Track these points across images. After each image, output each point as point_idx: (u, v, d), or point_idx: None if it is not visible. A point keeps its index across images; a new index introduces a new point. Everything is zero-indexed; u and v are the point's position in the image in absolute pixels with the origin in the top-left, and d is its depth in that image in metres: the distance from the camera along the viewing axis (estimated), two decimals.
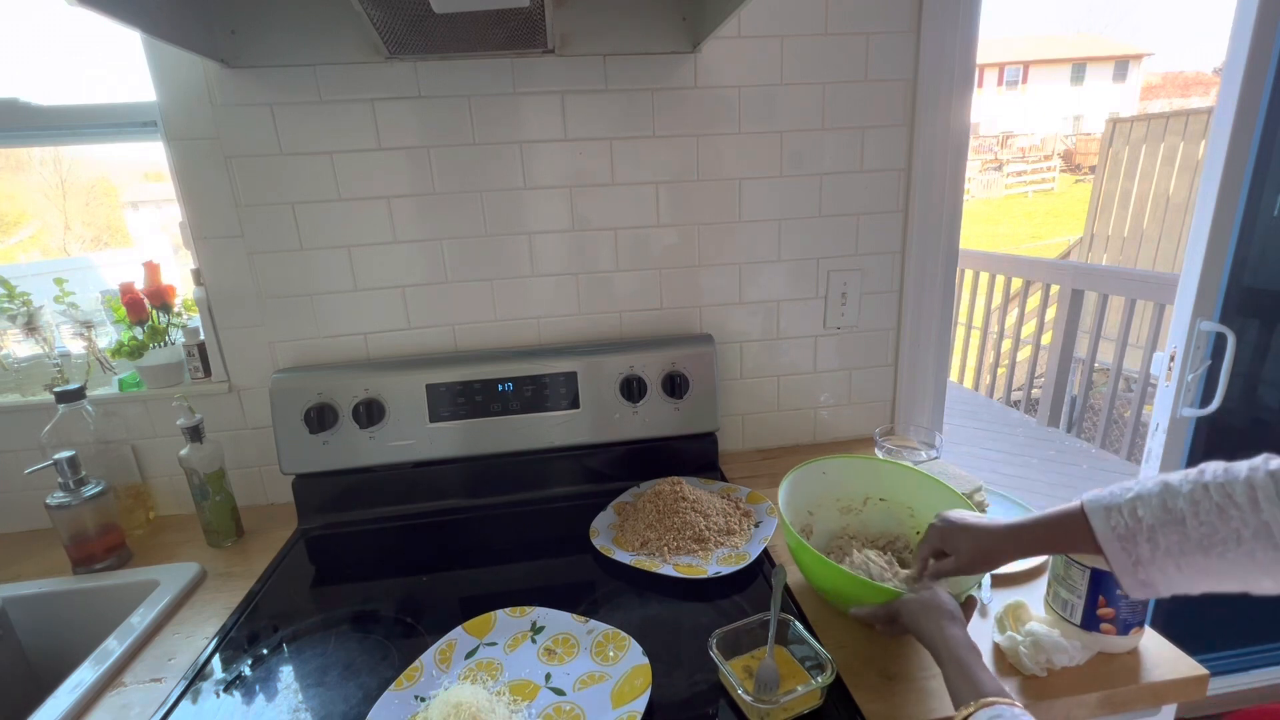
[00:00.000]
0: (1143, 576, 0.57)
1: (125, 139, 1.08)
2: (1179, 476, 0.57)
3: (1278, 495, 0.51)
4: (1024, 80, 22.38)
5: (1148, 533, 0.56)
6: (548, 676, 0.72)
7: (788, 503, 0.87)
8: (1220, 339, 1.31)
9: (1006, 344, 4.16)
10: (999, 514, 1.01)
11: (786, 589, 0.86)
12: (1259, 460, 0.53)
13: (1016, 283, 3.96)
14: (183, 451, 1.02)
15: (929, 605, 0.65)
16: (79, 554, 0.97)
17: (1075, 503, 0.62)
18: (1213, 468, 0.56)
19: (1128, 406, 3.49)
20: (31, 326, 1.13)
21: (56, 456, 0.94)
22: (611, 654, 0.75)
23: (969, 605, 0.69)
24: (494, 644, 0.78)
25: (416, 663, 0.74)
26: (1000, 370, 4.15)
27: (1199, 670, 0.71)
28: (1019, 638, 0.72)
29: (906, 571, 0.82)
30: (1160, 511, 0.56)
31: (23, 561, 1.05)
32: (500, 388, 1.11)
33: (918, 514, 0.91)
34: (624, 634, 0.77)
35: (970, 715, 0.53)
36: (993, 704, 0.52)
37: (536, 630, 0.80)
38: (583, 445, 1.15)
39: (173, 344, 1.15)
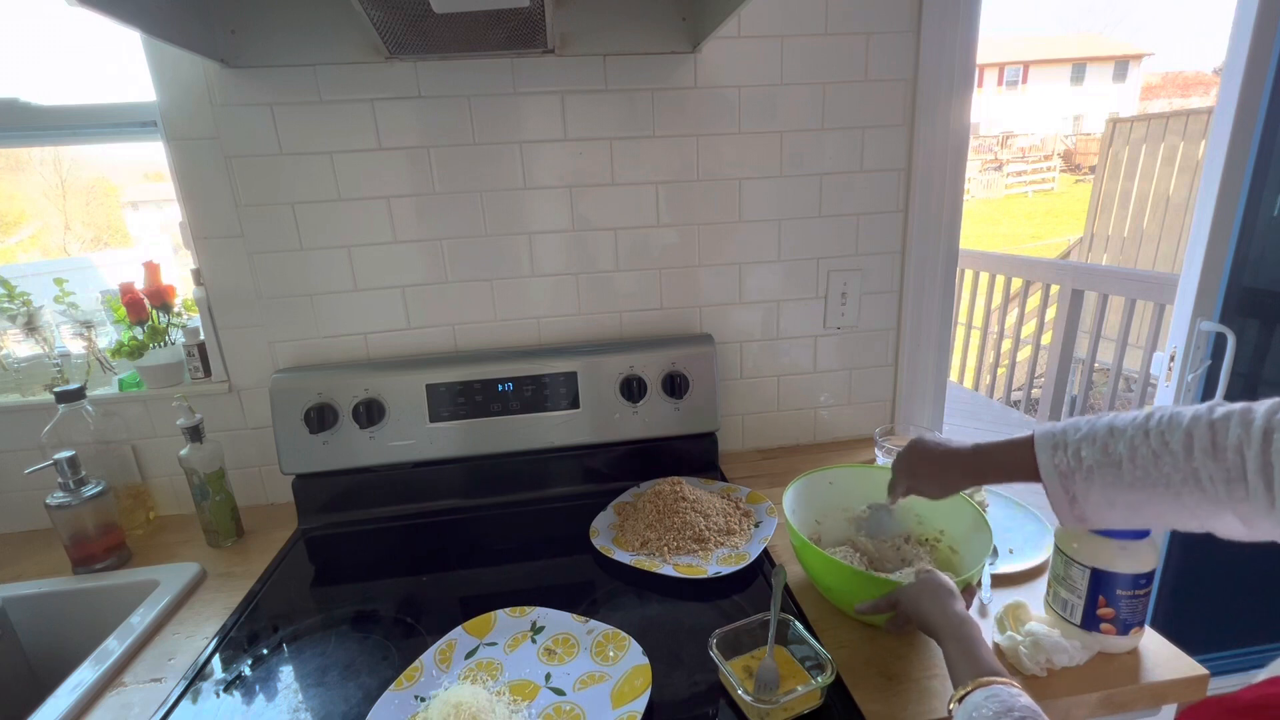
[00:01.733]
0: (1077, 512, 0.60)
1: (125, 139, 1.08)
2: (1128, 418, 0.58)
3: (1212, 446, 0.52)
4: (1024, 80, 22.38)
5: (1085, 472, 0.59)
6: (548, 676, 0.73)
7: (794, 510, 0.87)
8: (1220, 339, 1.31)
9: (1006, 344, 4.16)
10: (999, 514, 1.01)
11: (786, 589, 0.86)
12: (1204, 408, 0.54)
13: (1016, 283, 3.96)
14: (183, 451, 1.02)
15: (928, 585, 0.67)
16: (79, 554, 0.97)
17: (1029, 433, 0.64)
18: (1161, 411, 0.57)
19: (1128, 406, 3.48)
20: (31, 326, 1.13)
21: (56, 456, 0.94)
22: (611, 654, 0.75)
23: (968, 593, 0.71)
24: (494, 644, 0.78)
25: (416, 663, 0.74)
26: (1000, 370, 4.15)
27: (1199, 670, 0.71)
28: (1019, 638, 0.72)
29: (919, 566, 0.83)
30: (1100, 454, 0.58)
31: (23, 561, 1.05)
32: (500, 388, 1.11)
33: (925, 520, 0.91)
34: (624, 634, 0.77)
35: (967, 694, 0.53)
36: (990, 684, 0.53)
37: (536, 630, 0.80)
38: (583, 445, 1.15)
39: (173, 344, 1.15)
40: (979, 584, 0.84)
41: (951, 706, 0.55)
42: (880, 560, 0.88)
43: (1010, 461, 0.66)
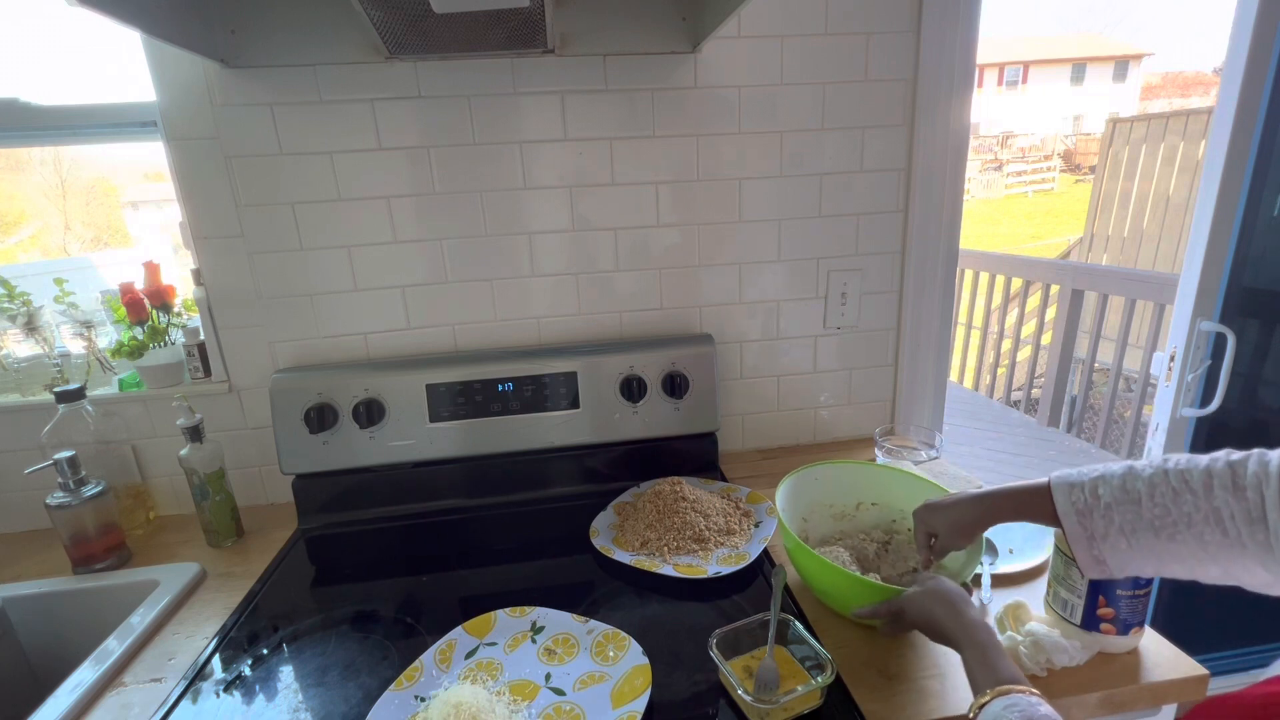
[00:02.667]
0: (1095, 552, 0.60)
1: (125, 139, 1.08)
2: (1145, 463, 0.59)
3: (1233, 484, 0.52)
4: (1024, 80, 22.38)
5: (1104, 510, 0.59)
6: (548, 676, 0.72)
7: (784, 508, 0.87)
8: (1220, 339, 1.31)
9: (1006, 344, 4.16)
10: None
11: (786, 589, 0.86)
12: (1221, 453, 0.55)
13: (1016, 283, 3.96)
14: (183, 451, 1.02)
15: (939, 593, 0.66)
16: (79, 554, 0.97)
17: (1045, 479, 0.65)
18: (1178, 457, 0.58)
19: (1128, 406, 3.49)
20: (31, 326, 1.13)
21: (56, 456, 0.94)
22: (611, 654, 0.75)
23: (967, 592, 0.70)
24: (494, 644, 0.78)
25: (416, 663, 0.74)
26: (1000, 370, 4.15)
27: (1199, 670, 0.71)
28: (1019, 638, 0.72)
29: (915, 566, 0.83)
30: (1119, 491, 0.58)
31: (23, 561, 1.05)
32: (500, 388, 1.11)
33: (909, 517, 0.90)
34: (624, 634, 0.77)
35: (987, 703, 0.53)
36: (1009, 692, 0.52)
37: (536, 630, 0.80)
38: (583, 445, 1.15)
39: (173, 344, 1.15)
40: (980, 585, 0.84)
41: (971, 714, 0.54)
42: (869, 562, 0.88)
43: (1026, 503, 0.66)
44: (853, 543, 0.90)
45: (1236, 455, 0.54)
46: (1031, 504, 0.65)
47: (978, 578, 0.85)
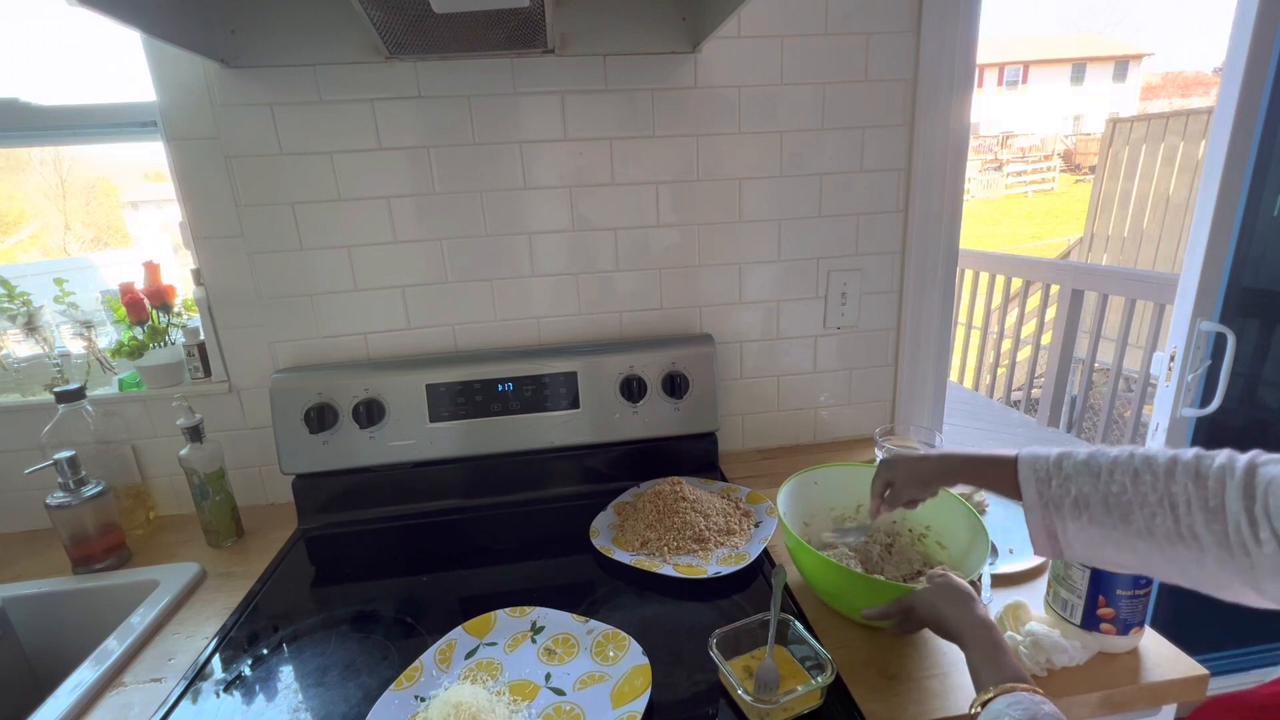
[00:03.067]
0: (1048, 523, 0.60)
1: (125, 139, 1.08)
2: (1119, 447, 0.59)
3: (1196, 473, 0.52)
4: (1024, 80, 22.38)
5: (1062, 479, 0.59)
6: (548, 676, 0.72)
7: (785, 513, 0.87)
8: (1220, 339, 1.31)
9: (1006, 344, 4.16)
10: (999, 514, 1.01)
11: (786, 589, 0.86)
12: (1194, 449, 0.54)
13: (1016, 283, 3.96)
14: (183, 451, 1.02)
15: (948, 590, 0.66)
16: (79, 554, 0.97)
17: (1016, 450, 0.65)
18: (1154, 447, 0.57)
19: (1128, 406, 3.49)
20: (31, 326, 1.13)
21: (56, 456, 0.94)
22: (611, 654, 0.75)
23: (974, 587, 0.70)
24: (494, 644, 0.78)
25: (416, 663, 0.74)
26: (1000, 370, 4.15)
27: (1199, 670, 0.71)
28: (1019, 638, 0.72)
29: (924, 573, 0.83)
30: (1081, 465, 0.58)
31: (23, 561, 1.05)
32: (500, 388, 1.11)
33: (910, 516, 0.91)
34: (624, 634, 0.77)
35: (990, 700, 0.53)
36: (1013, 689, 0.52)
37: (536, 630, 0.80)
38: (583, 445, 1.15)
39: (173, 344, 1.15)
40: (983, 582, 0.84)
41: (974, 711, 0.54)
42: (873, 564, 0.88)
43: (989, 468, 0.66)
44: (857, 545, 0.90)
45: (1208, 451, 0.53)
46: (994, 471, 0.66)
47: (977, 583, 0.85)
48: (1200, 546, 0.51)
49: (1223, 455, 0.52)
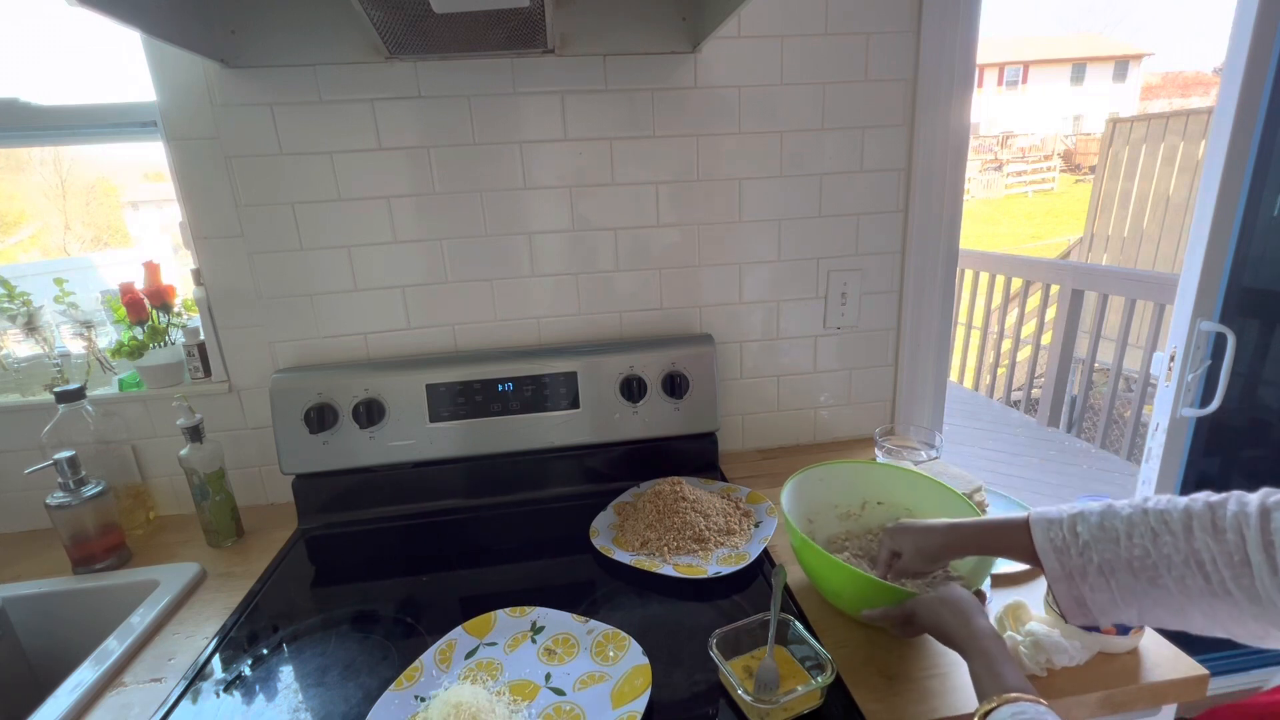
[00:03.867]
0: (1076, 593, 0.58)
1: (125, 139, 1.08)
2: (1124, 502, 0.58)
3: (1213, 526, 0.51)
4: (1024, 80, 22.38)
5: (1081, 547, 0.57)
6: (548, 676, 0.73)
7: (789, 509, 0.86)
8: (1220, 339, 1.31)
9: (1006, 344, 4.16)
10: (999, 513, 1.00)
11: (786, 589, 0.86)
12: (1200, 495, 0.54)
13: (1016, 283, 3.96)
14: (183, 451, 1.02)
15: (950, 599, 0.65)
16: (79, 554, 0.97)
17: (1023, 514, 0.64)
18: (1157, 498, 0.57)
19: (1128, 406, 3.49)
20: (31, 326, 1.13)
21: (56, 456, 0.94)
22: (611, 654, 0.75)
23: (979, 599, 0.69)
24: (494, 644, 0.78)
25: (416, 663, 0.74)
26: (1000, 370, 4.15)
27: (1199, 670, 0.71)
28: (1019, 638, 0.72)
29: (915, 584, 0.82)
30: (1097, 529, 0.57)
31: (23, 561, 1.05)
32: (500, 388, 1.11)
33: (916, 515, 0.90)
34: (624, 634, 0.77)
35: (993, 710, 0.52)
36: (1016, 700, 0.52)
37: (536, 630, 0.80)
38: (583, 445, 1.15)
39: (173, 344, 1.15)
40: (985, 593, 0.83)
41: None
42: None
43: (1000, 538, 0.65)
44: (861, 544, 0.90)
45: (1215, 497, 0.52)
46: (1005, 538, 0.64)
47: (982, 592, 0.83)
48: (1234, 601, 0.50)
49: (1233, 502, 0.51)
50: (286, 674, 0.76)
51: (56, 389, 1.01)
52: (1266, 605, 0.48)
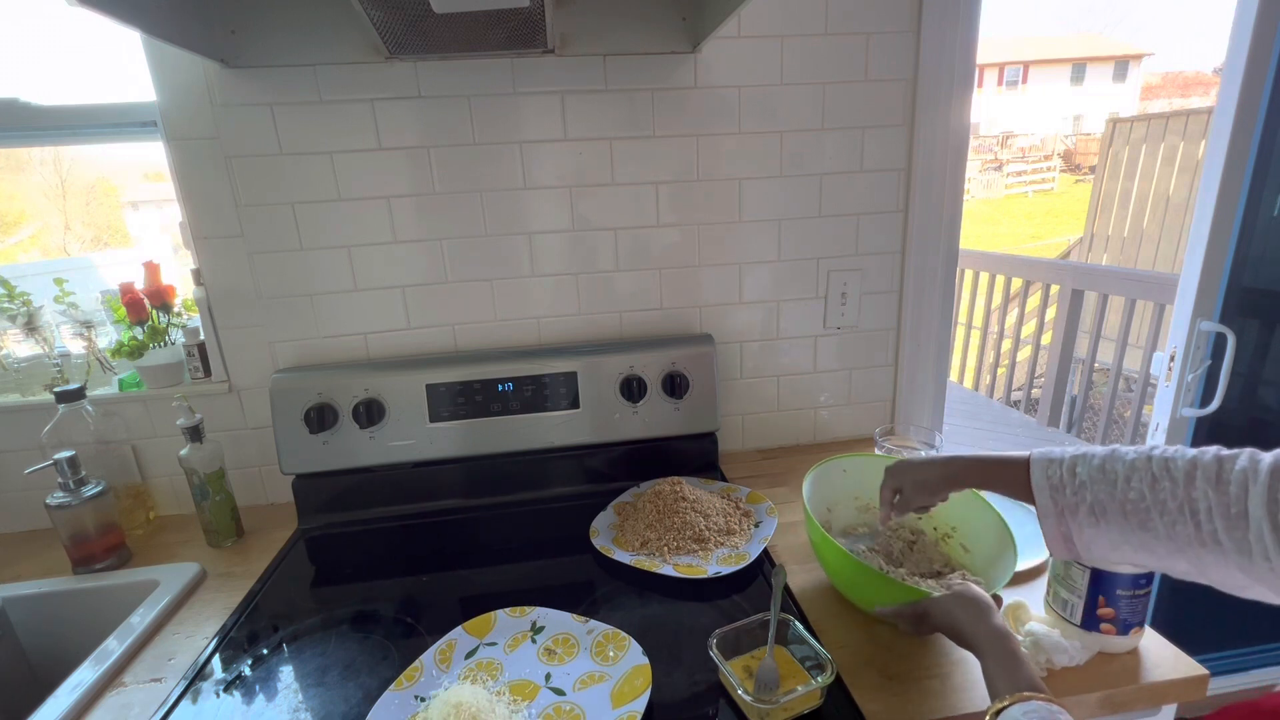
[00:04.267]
0: (1063, 529, 0.59)
1: (125, 139, 1.08)
2: (1133, 448, 0.58)
3: (1217, 478, 0.51)
4: (1024, 80, 22.38)
5: (1077, 486, 0.58)
6: (548, 676, 0.73)
7: (809, 499, 0.86)
8: (1220, 339, 1.31)
9: (1006, 344, 4.16)
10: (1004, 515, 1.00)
11: (786, 589, 0.86)
12: (1213, 448, 0.54)
13: (1016, 283, 3.96)
14: (183, 451, 1.02)
15: (965, 599, 0.65)
16: (79, 554, 0.97)
17: (1026, 453, 0.64)
18: (1167, 447, 0.57)
19: (1128, 406, 3.49)
20: (31, 326, 1.13)
21: (56, 456, 0.94)
22: (611, 654, 0.75)
23: (995, 603, 0.69)
24: (494, 644, 0.78)
25: (416, 663, 0.74)
26: (1000, 370, 4.15)
27: (1199, 670, 0.71)
28: (1019, 637, 0.72)
29: (930, 583, 0.82)
30: (1097, 471, 0.58)
31: (23, 561, 1.05)
32: (500, 388, 1.11)
33: (936, 513, 0.89)
34: (624, 634, 0.77)
35: (1005, 708, 0.52)
36: (1029, 699, 0.52)
37: (536, 630, 0.80)
38: (583, 445, 1.15)
39: (173, 344, 1.15)
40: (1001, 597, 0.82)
41: (988, 719, 0.54)
42: (893, 559, 0.87)
43: (998, 472, 0.66)
44: (879, 540, 0.90)
45: (1228, 451, 0.52)
46: (1004, 474, 0.65)
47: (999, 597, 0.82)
48: (1222, 551, 0.50)
49: (1244, 458, 0.51)
50: (286, 674, 0.76)
51: (56, 389, 1.01)
52: (1257, 560, 0.48)
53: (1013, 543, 0.77)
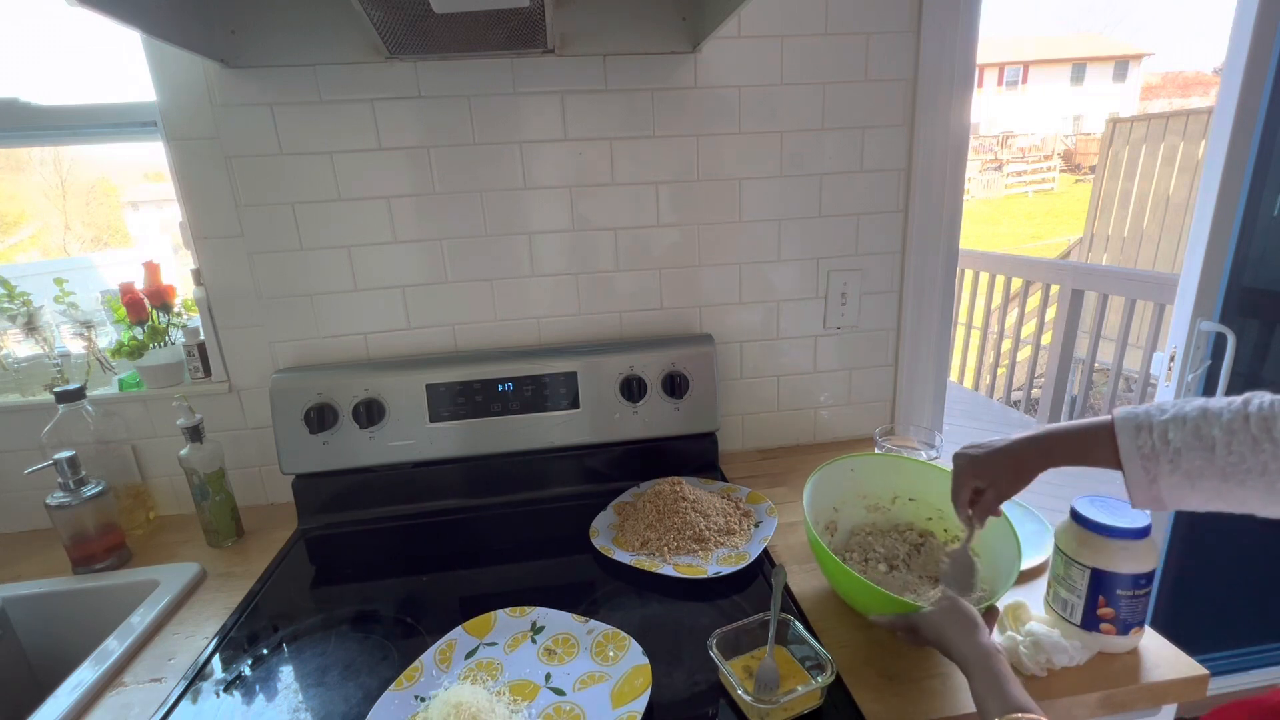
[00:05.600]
0: (1155, 493, 0.58)
1: (125, 139, 1.08)
2: (1222, 403, 0.56)
3: None
4: (1024, 80, 22.38)
5: (1172, 454, 0.56)
6: (548, 676, 0.73)
7: (812, 500, 0.85)
8: (1220, 339, 1.31)
9: (1006, 344, 4.16)
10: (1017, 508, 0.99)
11: (786, 589, 0.86)
12: None
13: (1016, 283, 3.96)
14: (183, 451, 1.02)
15: (952, 615, 0.64)
16: (79, 554, 0.97)
17: (1106, 416, 0.61)
18: (1261, 398, 0.55)
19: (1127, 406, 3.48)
20: (31, 326, 1.13)
21: (56, 456, 0.94)
22: (611, 654, 0.75)
23: (990, 615, 0.68)
24: (494, 644, 0.78)
25: (416, 663, 0.74)
26: (1000, 370, 4.15)
27: (1199, 670, 0.71)
28: (1019, 638, 0.72)
29: (934, 592, 0.81)
30: (1192, 437, 0.56)
31: (23, 561, 1.05)
32: (500, 388, 1.11)
33: (947, 515, 0.90)
34: (624, 634, 0.77)
35: None
36: (1020, 719, 0.52)
37: (536, 630, 0.80)
38: (583, 445, 1.15)
39: (173, 344, 1.15)
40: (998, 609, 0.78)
41: None
42: (898, 561, 0.87)
43: (1085, 445, 0.62)
44: (885, 541, 0.90)
45: None
46: (1091, 445, 0.62)
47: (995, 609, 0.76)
48: None
49: None
50: (286, 674, 0.76)
51: (56, 389, 1.01)
52: None
53: (1019, 554, 0.75)
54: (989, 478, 0.69)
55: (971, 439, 0.71)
